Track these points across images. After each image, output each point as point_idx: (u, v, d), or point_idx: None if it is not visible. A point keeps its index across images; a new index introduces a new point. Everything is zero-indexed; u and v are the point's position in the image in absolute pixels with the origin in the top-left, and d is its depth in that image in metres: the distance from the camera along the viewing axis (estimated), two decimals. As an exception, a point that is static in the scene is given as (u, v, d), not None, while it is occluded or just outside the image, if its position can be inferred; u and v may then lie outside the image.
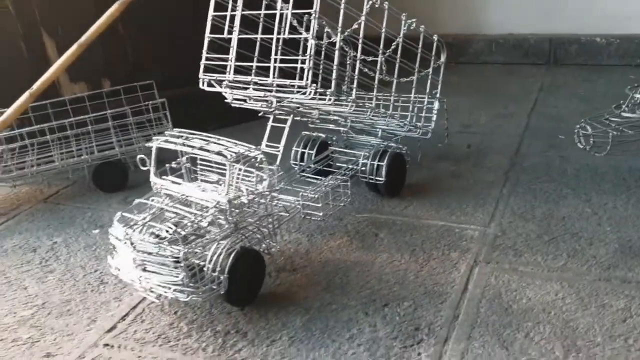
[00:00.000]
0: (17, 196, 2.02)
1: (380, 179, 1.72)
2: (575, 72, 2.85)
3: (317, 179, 1.71)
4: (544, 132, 2.17)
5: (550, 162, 1.93)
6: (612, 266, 1.37)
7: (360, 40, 1.53)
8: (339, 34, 1.45)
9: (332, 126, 1.87)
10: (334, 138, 1.91)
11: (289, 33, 1.45)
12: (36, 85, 1.94)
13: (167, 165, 1.42)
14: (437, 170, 1.94)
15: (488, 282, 1.36)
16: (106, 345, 1.27)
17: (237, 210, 1.31)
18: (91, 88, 2.21)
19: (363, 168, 1.74)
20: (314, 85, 1.41)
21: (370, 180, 1.74)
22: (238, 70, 1.54)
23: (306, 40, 1.42)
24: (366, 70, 1.65)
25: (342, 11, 1.44)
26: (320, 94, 1.47)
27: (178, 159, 1.44)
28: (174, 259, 1.21)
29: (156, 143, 1.36)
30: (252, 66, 1.53)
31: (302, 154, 1.87)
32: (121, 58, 2.28)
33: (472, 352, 1.16)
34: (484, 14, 3.07)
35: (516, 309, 1.27)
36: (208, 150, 1.30)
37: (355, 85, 1.56)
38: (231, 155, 1.28)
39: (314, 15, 1.40)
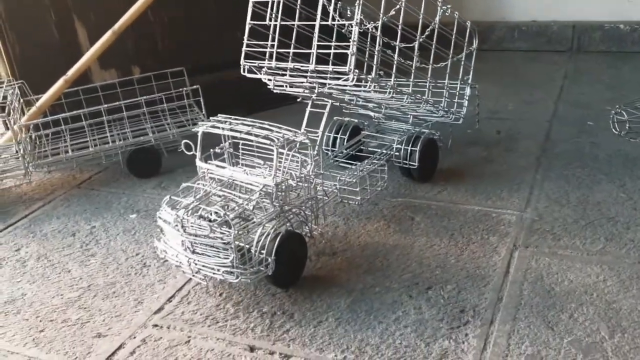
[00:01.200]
0: (50, 182, 2.05)
1: (414, 163, 1.74)
2: (599, 59, 2.85)
3: (349, 163, 1.72)
4: (572, 119, 2.18)
5: (581, 148, 1.94)
6: (652, 250, 1.39)
7: (400, 27, 1.53)
8: (380, 20, 1.46)
9: (368, 112, 1.88)
10: (365, 123, 1.93)
11: (332, 20, 1.46)
12: (71, 71, 1.97)
13: (210, 150, 1.44)
14: (469, 155, 1.95)
15: (529, 266, 1.37)
16: (155, 325, 1.30)
17: (282, 194, 1.33)
18: (121, 75, 2.23)
19: (397, 153, 1.76)
20: (357, 71, 1.42)
21: (404, 165, 1.76)
22: (278, 57, 1.55)
23: (343, 27, 1.43)
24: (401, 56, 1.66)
25: (383, -2, 1.45)
26: (361, 80, 1.48)
27: (221, 144, 1.46)
28: (224, 241, 1.23)
29: (203, 128, 1.38)
30: (290, 52, 1.54)
31: (335, 139, 1.89)
32: (151, 45, 2.29)
33: (518, 333, 1.18)
34: (507, 1, 3.06)
35: (558, 291, 1.29)
36: (256, 135, 1.32)
37: (394, 71, 1.56)
38: (278, 139, 1.29)
39: (358, 1, 1.40)
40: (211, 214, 1.27)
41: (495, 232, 1.51)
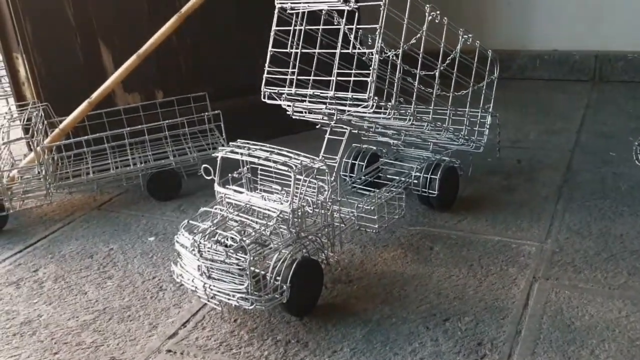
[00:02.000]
0: (71, 203, 2.07)
1: (433, 192, 1.72)
2: (622, 89, 2.82)
3: (367, 190, 1.72)
4: (594, 149, 2.15)
5: (603, 178, 1.91)
6: (677, 285, 1.35)
7: (421, 55, 1.53)
8: (401, 47, 1.46)
9: (386, 139, 1.88)
10: (384, 150, 1.92)
11: (352, 48, 1.47)
12: (95, 94, 2.00)
13: (229, 175, 1.45)
14: (489, 184, 1.93)
15: (549, 299, 1.35)
16: (169, 351, 1.29)
17: (299, 220, 1.33)
18: (144, 99, 2.27)
19: (416, 181, 1.75)
20: (376, 98, 1.42)
21: (423, 193, 1.74)
22: (298, 84, 1.56)
23: (363, 55, 1.44)
24: (421, 84, 1.66)
25: (405, 26, 1.46)
26: (380, 107, 1.48)
27: (239, 169, 1.46)
28: (240, 267, 1.23)
29: (222, 153, 1.38)
30: (310, 79, 1.55)
31: (353, 165, 1.89)
32: (174, 70, 2.32)
33: (537, 369, 1.15)
34: (528, 30, 3.06)
35: (579, 325, 1.26)
36: (274, 161, 1.32)
37: (414, 99, 1.56)
38: (296, 165, 1.29)
39: (379, 30, 1.41)
40: (228, 239, 1.27)
41: (515, 264, 1.49)
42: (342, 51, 1.47)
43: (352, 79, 1.49)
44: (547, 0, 2.98)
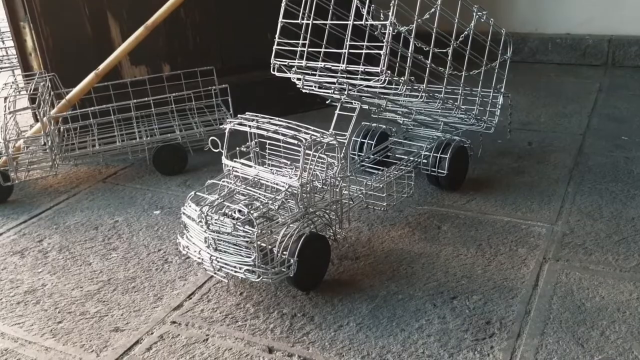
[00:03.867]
0: (76, 175, 2.05)
1: (443, 171, 1.70)
2: (635, 74, 2.78)
3: (376, 169, 1.70)
4: (606, 133, 2.12)
5: (615, 162, 1.88)
6: (690, 269, 1.33)
7: (435, 30, 1.50)
8: (415, 23, 1.43)
9: (396, 118, 1.85)
10: (393, 129, 1.90)
11: (365, 20, 1.44)
12: (102, 66, 1.98)
13: (237, 148, 1.43)
14: (499, 165, 1.91)
15: (559, 280, 1.33)
16: (174, 322, 1.28)
17: (307, 195, 1.31)
18: (151, 72, 2.24)
19: (425, 160, 1.73)
20: (389, 72, 1.40)
21: (432, 173, 1.72)
22: (308, 57, 1.53)
23: (375, 29, 1.41)
24: (433, 64, 1.63)
25: (419, 0, 1.43)
26: (392, 82, 1.45)
27: (247, 143, 1.44)
28: (247, 240, 1.21)
29: (230, 125, 1.36)
30: (321, 52, 1.52)
31: (362, 144, 1.86)
32: (182, 43, 2.30)
33: (546, 348, 1.14)
34: (541, 13, 3.01)
35: (589, 307, 1.24)
36: (283, 134, 1.30)
37: (427, 75, 1.53)
38: (306, 139, 1.27)
39: (393, 2, 1.38)
40: (235, 212, 1.26)
41: (525, 244, 1.47)
42: (354, 23, 1.44)
43: (364, 51, 1.46)
44: (561, -17, 2.93)
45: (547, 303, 1.25)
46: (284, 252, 1.24)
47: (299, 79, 1.56)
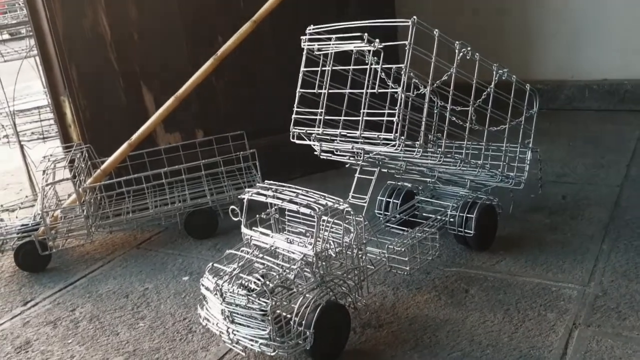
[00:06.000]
0: (112, 241, 2.11)
1: (470, 231, 1.67)
2: (678, 119, 2.69)
3: (402, 229, 1.68)
4: (645, 183, 2.05)
5: (654, 216, 1.81)
6: None
7: (451, 92, 1.50)
8: (428, 86, 1.44)
9: (418, 176, 1.84)
10: (420, 188, 1.88)
11: (379, 87, 1.45)
12: (135, 136, 2.05)
13: (257, 215, 1.45)
14: (531, 222, 1.86)
15: (589, 348, 1.27)
16: (193, 396, 1.28)
17: (323, 263, 1.30)
18: (185, 138, 2.31)
19: (451, 220, 1.70)
20: (403, 137, 1.40)
21: (459, 233, 1.69)
22: (327, 123, 1.55)
23: (395, 93, 1.42)
24: (454, 119, 1.62)
25: (432, 64, 1.44)
26: (409, 146, 1.45)
27: (267, 210, 1.46)
28: (262, 312, 1.21)
29: (247, 195, 1.38)
30: (340, 119, 1.54)
31: (387, 203, 1.85)
32: (213, 109, 2.36)
33: None
34: (576, 59, 2.97)
35: (622, 378, 1.17)
36: (297, 203, 1.31)
37: (444, 136, 1.53)
38: (319, 208, 1.28)
39: (404, 69, 1.39)
40: (251, 283, 1.26)
41: (554, 308, 1.41)
42: (369, 90, 1.46)
43: (382, 118, 1.47)
44: (596, 29, 2.89)
45: (575, 374, 1.20)
46: (300, 324, 1.23)
47: (317, 145, 1.58)
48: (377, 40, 1.43)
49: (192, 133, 2.34)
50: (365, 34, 1.43)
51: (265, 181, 1.44)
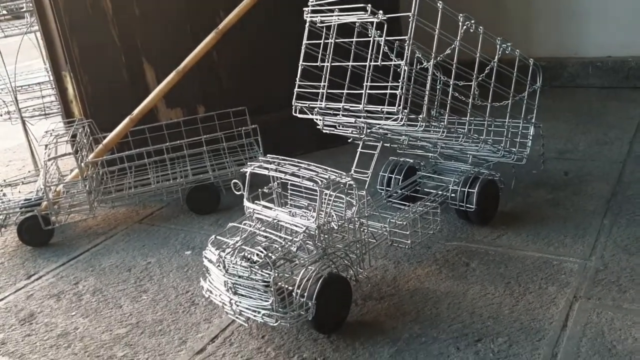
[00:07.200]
0: (114, 216, 2.12)
1: (471, 206, 1.67)
2: (682, 96, 2.67)
3: (404, 204, 1.68)
4: (648, 160, 2.04)
5: (656, 191, 1.81)
6: None
7: (454, 66, 1.50)
8: (431, 60, 1.43)
9: (421, 152, 1.84)
10: (422, 163, 1.88)
11: (382, 60, 1.44)
12: (136, 111, 2.05)
13: (259, 190, 1.45)
14: (533, 198, 1.86)
15: (589, 320, 1.27)
16: (196, 366, 1.29)
17: (325, 236, 1.31)
18: (187, 114, 2.30)
19: (453, 195, 1.70)
20: (406, 111, 1.39)
21: (461, 208, 1.69)
22: (329, 97, 1.55)
23: (398, 67, 1.41)
24: (457, 94, 1.62)
25: (436, 37, 1.43)
26: (411, 120, 1.45)
27: (270, 184, 1.46)
28: (264, 283, 1.22)
29: (250, 169, 1.38)
30: (343, 93, 1.53)
31: (389, 179, 1.85)
32: (215, 85, 2.35)
33: (573, 395, 1.09)
34: (580, 36, 2.95)
35: (621, 350, 1.18)
36: (300, 176, 1.31)
37: (447, 111, 1.52)
38: (322, 181, 1.28)
39: (407, 42, 1.38)
40: (254, 255, 1.27)
41: (555, 282, 1.42)
42: (372, 64, 1.45)
43: (385, 91, 1.46)
44: (600, 6, 2.86)
45: (575, 346, 1.20)
46: (302, 295, 1.23)
47: (320, 120, 1.57)
48: (381, 11, 1.42)
49: (193, 109, 2.34)
50: (369, 5, 1.42)
51: (268, 155, 1.44)
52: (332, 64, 1.53)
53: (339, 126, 1.59)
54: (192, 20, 2.25)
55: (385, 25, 1.42)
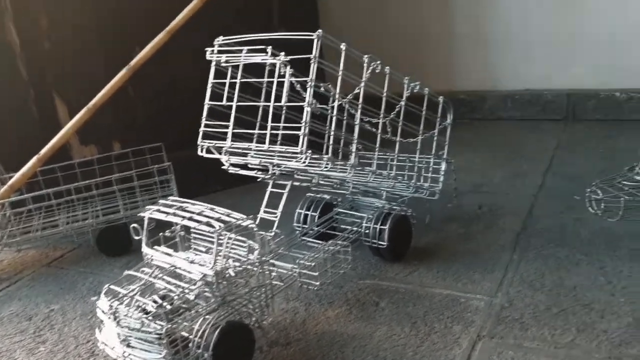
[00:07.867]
0: (22, 260, 2.02)
1: (383, 243, 1.67)
2: (594, 128, 2.78)
3: (318, 243, 1.66)
4: (559, 192, 2.10)
5: (564, 224, 1.85)
6: (624, 343, 1.28)
7: (359, 106, 1.50)
8: (336, 101, 1.43)
9: (332, 189, 1.83)
10: (339, 199, 1.87)
11: (291, 99, 1.43)
12: (44, 149, 1.97)
13: (160, 234, 1.40)
14: (446, 232, 1.88)
15: (491, 360, 1.28)
16: None
17: (224, 283, 1.27)
18: (102, 151, 2.23)
19: (366, 231, 1.69)
20: (309, 151, 1.38)
21: (373, 245, 1.69)
22: (238, 136, 1.52)
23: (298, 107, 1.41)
24: (367, 129, 1.62)
25: (339, 78, 1.43)
26: (316, 159, 1.44)
27: (172, 227, 1.41)
28: (157, 335, 1.17)
29: (147, 213, 1.34)
30: (250, 133, 1.51)
31: (305, 216, 1.84)
32: (131, 120, 2.30)
33: None
34: (499, 70, 3.04)
35: (520, 390, 1.18)
36: (197, 221, 1.27)
37: (354, 149, 1.52)
38: (219, 225, 1.25)
39: (309, 82, 1.38)
40: (148, 305, 1.21)
41: (461, 320, 1.42)
42: (275, 104, 1.44)
43: (289, 132, 1.45)
44: (518, 40, 2.97)
45: (475, 388, 1.20)
46: (198, 347, 1.19)
47: (226, 160, 1.55)
48: (283, 53, 1.42)
49: (109, 145, 2.27)
50: (269, 47, 1.41)
51: (170, 197, 1.40)
52: (238, 103, 1.51)
53: (247, 165, 1.56)
54: (106, 55, 2.20)
55: (289, 66, 1.41)
